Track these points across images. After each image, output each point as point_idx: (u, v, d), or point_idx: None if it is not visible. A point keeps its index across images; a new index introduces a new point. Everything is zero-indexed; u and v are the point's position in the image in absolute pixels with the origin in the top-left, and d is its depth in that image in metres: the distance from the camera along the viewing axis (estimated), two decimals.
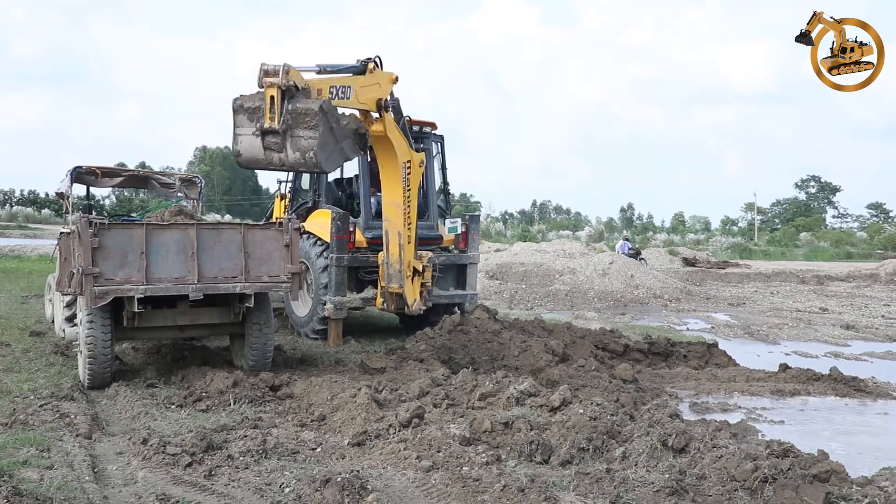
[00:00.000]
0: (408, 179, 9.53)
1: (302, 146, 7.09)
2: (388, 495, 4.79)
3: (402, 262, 9.68)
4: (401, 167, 9.42)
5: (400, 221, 9.56)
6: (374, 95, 8.70)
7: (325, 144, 7.13)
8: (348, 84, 8.24)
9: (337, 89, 8.02)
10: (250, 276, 7.96)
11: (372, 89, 8.66)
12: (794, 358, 11.17)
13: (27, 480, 4.90)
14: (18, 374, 8.19)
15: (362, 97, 8.48)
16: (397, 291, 9.83)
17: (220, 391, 7.39)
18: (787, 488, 4.64)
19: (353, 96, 8.29)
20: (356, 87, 8.34)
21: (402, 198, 9.50)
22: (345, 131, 7.44)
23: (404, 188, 9.49)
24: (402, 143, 9.42)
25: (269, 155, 7.22)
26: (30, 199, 74.30)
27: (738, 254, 49.98)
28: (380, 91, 8.77)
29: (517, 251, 26.73)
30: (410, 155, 9.56)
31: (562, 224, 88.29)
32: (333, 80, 8.06)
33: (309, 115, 7.05)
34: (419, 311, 10.11)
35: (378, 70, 8.74)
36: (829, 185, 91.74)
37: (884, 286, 25.70)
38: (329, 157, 7.31)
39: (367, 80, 8.56)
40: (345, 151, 7.57)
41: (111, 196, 63.78)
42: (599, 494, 4.85)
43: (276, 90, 7.05)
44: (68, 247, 7.93)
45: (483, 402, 7.11)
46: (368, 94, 8.61)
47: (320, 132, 7.03)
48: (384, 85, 8.86)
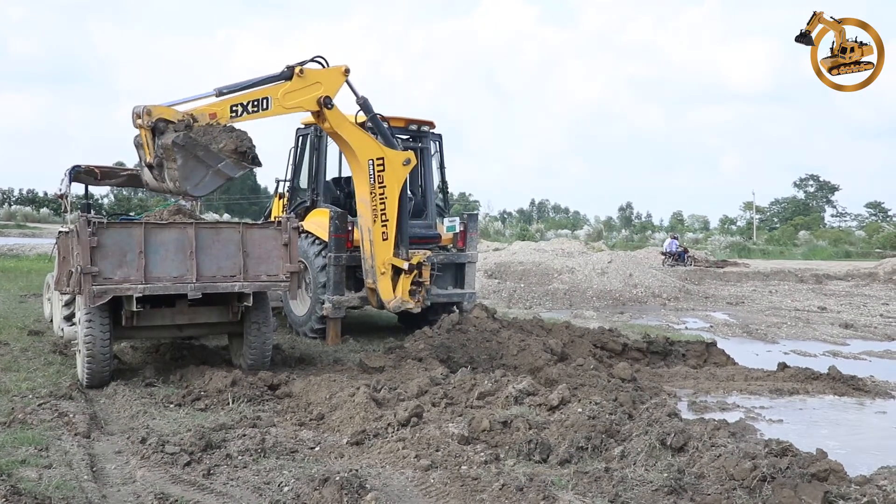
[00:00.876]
0: (380, 176, 9.69)
1: (172, 176, 7.77)
2: (387, 494, 4.80)
3: (373, 258, 9.90)
4: (365, 164, 9.58)
5: (368, 218, 9.79)
6: (311, 96, 8.95)
7: (189, 174, 7.75)
8: (265, 95, 8.55)
9: (245, 105, 8.37)
10: (249, 276, 7.96)
11: (307, 91, 8.92)
12: (793, 357, 11.18)
13: (26, 479, 4.90)
14: (17, 373, 8.19)
15: (290, 102, 8.79)
16: (372, 287, 10.07)
17: (218, 390, 7.39)
18: (786, 487, 4.65)
19: (275, 104, 8.62)
20: (278, 94, 8.64)
21: (368, 195, 9.69)
22: (220, 155, 7.80)
23: (372, 185, 9.66)
24: (363, 140, 9.60)
25: (157, 185, 8.08)
26: (28, 198, 74.23)
27: (737, 253, 50.04)
28: (322, 90, 9.01)
29: (516, 250, 26.75)
30: (381, 152, 9.72)
31: (560, 223, 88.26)
32: (238, 98, 8.36)
33: (168, 149, 7.63)
34: (398, 309, 10.34)
35: (314, 70, 8.99)
36: (827, 185, 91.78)
37: (882, 285, 25.72)
38: (199, 184, 7.89)
39: (297, 84, 8.82)
40: (223, 172, 7.96)
41: (110, 195, 63.75)
42: (598, 493, 4.86)
43: (145, 130, 7.75)
44: (67, 246, 7.92)
45: (482, 402, 7.11)
46: (301, 96, 8.88)
47: (179, 164, 7.63)
48: (328, 82, 9.09)
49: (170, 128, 7.69)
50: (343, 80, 9.26)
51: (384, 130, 9.91)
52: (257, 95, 8.48)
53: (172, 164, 7.67)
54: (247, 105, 8.37)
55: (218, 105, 8.19)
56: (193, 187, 7.83)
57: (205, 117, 7.95)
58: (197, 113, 7.96)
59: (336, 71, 9.19)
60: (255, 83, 8.58)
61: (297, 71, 8.79)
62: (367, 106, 9.70)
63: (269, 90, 8.60)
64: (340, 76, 9.22)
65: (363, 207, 9.84)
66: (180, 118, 7.78)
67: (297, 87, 8.81)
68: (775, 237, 65.66)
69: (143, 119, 7.69)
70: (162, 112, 7.74)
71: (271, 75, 8.73)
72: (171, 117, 7.74)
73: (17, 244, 31.29)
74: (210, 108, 8.09)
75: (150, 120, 7.66)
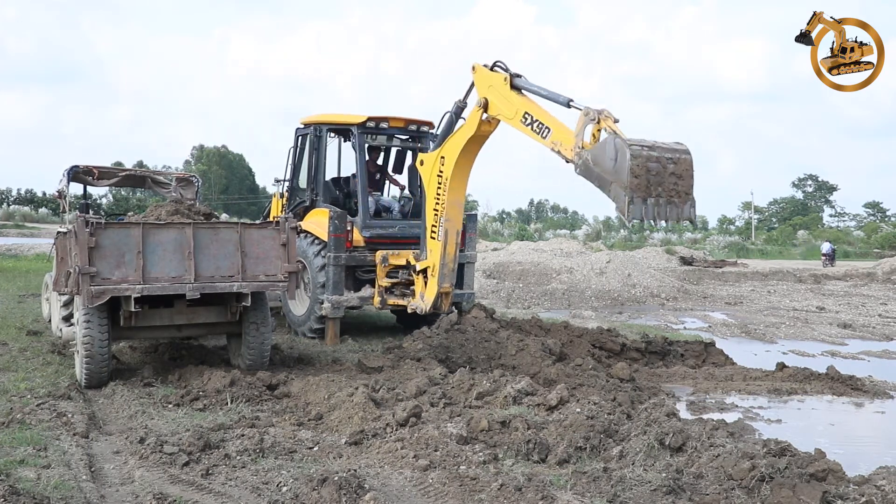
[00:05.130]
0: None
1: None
2: (386, 494, 4.80)
3: (455, 261, 9.66)
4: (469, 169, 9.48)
5: (460, 221, 9.54)
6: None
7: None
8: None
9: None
10: (247, 276, 7.96)
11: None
12: (792, 357, 11.18)
13: (24, 479, 4.90)
14: (15, 373, 8.18)
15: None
16: (447, 291, 9.79)
17: (217, 390, 7.39)
18: (784, 487, 4.65)
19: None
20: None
21: (463, 198, 9.54)
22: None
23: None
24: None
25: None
26: (27, 198, 74.13)
27: (736, 253, 50.04)
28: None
29: (514, 250, 26.75)
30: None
31: (559, 223, 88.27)
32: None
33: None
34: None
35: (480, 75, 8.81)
36: (826, 184, 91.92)
37: (881, 285, 25.74)
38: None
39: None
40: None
41: (108, 195, 63.71)
42: (596, 493, 4.86)
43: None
44: (65, 246, 7.91)
45: (480, 402, 7.12)
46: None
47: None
48: (480, 88, 8.87)
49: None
50: (484, 85, 8.90)
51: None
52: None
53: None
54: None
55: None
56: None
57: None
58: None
59: (484, 79, 8.88)
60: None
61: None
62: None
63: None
64: (484, 84, 8.89)
65: (457, 210, 9.54)
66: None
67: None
68: (774, 237, 65.70)
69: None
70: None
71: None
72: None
73: (15, 244, 31.26)
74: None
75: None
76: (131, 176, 11.86)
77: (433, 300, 9.62)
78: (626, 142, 7.09)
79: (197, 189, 11.45)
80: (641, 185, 7.18)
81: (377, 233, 11.32)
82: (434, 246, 9.44)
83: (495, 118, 8.67)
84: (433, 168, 9.27)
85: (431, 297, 9.66)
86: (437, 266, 9.47)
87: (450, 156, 9.09)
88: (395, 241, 11.26)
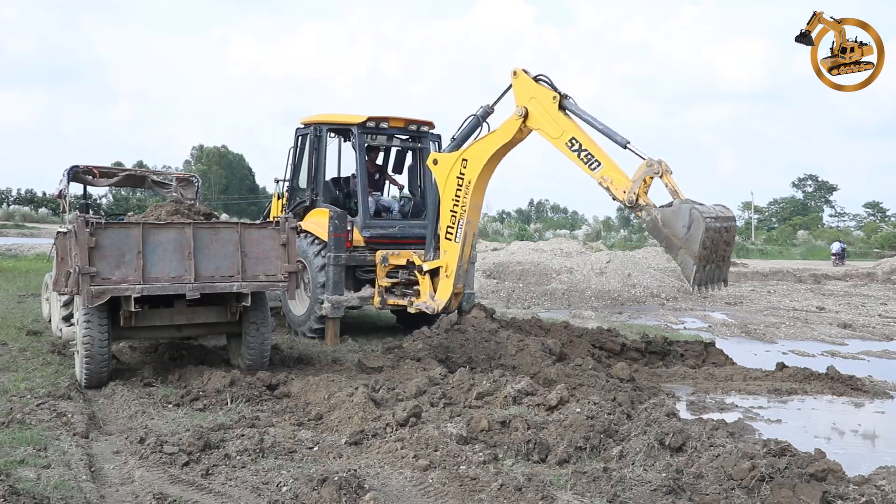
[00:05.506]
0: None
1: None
2: (386, 494, 4.80)
3: (468, 262, 9.81)
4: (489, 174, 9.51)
5: (477, 223, 9.64)
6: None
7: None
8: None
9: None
10: (247, 276, 7.96)
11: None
12: (792, 357, 11.18)
13: (24, 479, 4.90)
14: (15, 373, 8.18)
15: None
16: (459, 291, 9.82)
17: (217, 390, 7.39)
18: (784, 487, 4.65)
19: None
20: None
21: (482, 201, 9.59)
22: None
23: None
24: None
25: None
26: (27, 198, 74.12)
27: (735, 253, 49.91)
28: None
29: (514, 250, 26.75)
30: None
31: (559, 223, 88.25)
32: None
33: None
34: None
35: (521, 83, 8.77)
36: (825, 184, 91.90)
37: (881, 285, 25.74)
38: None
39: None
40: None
41: (108, 195, 63.71)
42: (596, 493, 4.86)
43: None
44: (65, 246, 7.91)
45: (480, 402, 7.12)
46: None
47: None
48: (520, 97, 8.85)
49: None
50: (524, 95, 8.91)
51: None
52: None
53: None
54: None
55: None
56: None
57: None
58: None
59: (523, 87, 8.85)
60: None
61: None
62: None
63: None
64: (523, 93, 8.89)
65: (477, 214, 9.62)
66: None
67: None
68: (774, 237, 65.70)
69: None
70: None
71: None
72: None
73: (15, 244, 31.28)
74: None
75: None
76: (131, 176, 11.85)
77: (446, 301, 9.66)
78: (702, 214, 7.31)
79: (197, 189, 11.45)
80: (708, 256, 7.47)
81: (377, 233, 11.32)
82: (450, 247, 9.46)
83: (530, 129, 8.65)
84: (452, 169, 9.25)
85: (445, 297, 9.69)
86: (453, 267, 9.50)
87: (475, 159, 9.08)
88: (395, 241, 11.27)
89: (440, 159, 9.42)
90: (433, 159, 9.51)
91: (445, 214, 9.44)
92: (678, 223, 7.40)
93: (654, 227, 7.63)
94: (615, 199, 8.05)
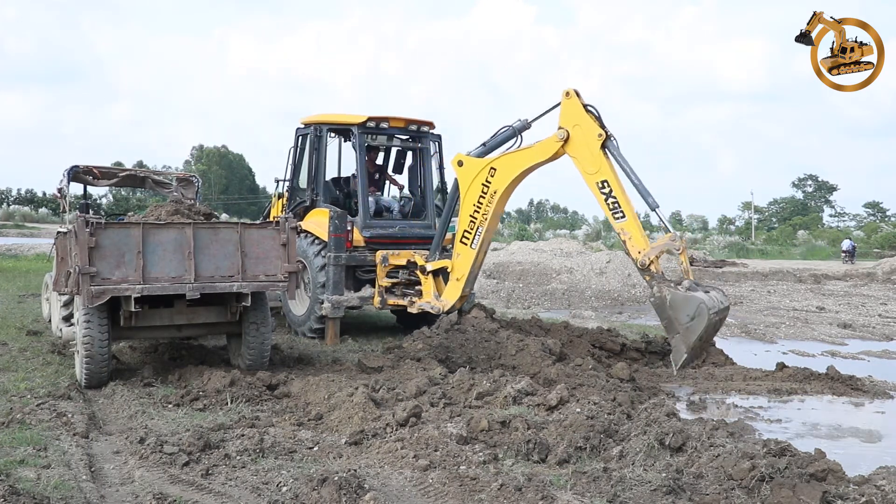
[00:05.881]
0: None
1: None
2: (386, 494, 4.79)
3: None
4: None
5: (494, 231, 9.79)
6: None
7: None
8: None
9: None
10: (247, 276, 7.96)
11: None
12: (792, 357, 11.17)
13: (24, 479, 4.89)
14: (15, 373, 8.18)
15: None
16: (466, 294, 10.00)
17: (217, 390, 7.39)
18: (784, 487, 4.65)
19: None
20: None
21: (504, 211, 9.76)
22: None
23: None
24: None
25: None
26: (27, 198, 74.14)
27: (736, 253, 50.02)
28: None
29: (514, 250, 26.72)
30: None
31: (559, 223, 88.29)
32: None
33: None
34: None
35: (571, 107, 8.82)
36: (825, 184, 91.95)
37: (881, 285, 25.73)
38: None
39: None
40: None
41: (108, 195, 63.71)
42: (596, 493, 4.86)
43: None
44: (65, 246, 7.92)
45: (480, 401, 7.11)
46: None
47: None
48: (565, 120, 8.93)
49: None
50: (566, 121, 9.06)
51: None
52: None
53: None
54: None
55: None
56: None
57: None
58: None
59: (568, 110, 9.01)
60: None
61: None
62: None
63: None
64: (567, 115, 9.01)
65: (497, 221, 9.82)
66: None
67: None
68: (774, 237, 65.70)
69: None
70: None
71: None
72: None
73: (15, 244, 31.29)
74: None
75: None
76: (131, 176, 11.86)
77: (453, 303, 9.72)
78: (709, 310, 7.61)
79: (197, 189, 11.46)
80: (701, 346, 7.97)
81: (377, 233, 11.32)
82: (464, 252, 9.51)
83: (565, 152, 8.65)
84: (478, 175, 9.25)
85: (452, 300, 9.78)
86: (465, 272, 9.55)
87: (505, 171, 9.10)
88: (395, 241, 11.28)
89: (466, 162, 9.40)
90: (458, 160, 9.49)
91: (464, 219, 9.46)
92: (684, 311, 7.70)
93: (660, 305, 7.88)
94: (628, 254, 8.28)
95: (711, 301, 7.67)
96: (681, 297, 7.68)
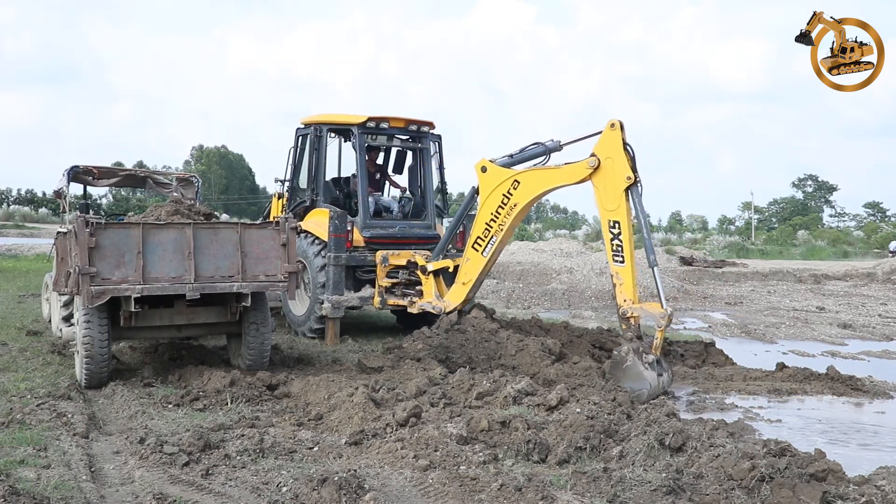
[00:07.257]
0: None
1: None
2: (386, 494, 4.80)
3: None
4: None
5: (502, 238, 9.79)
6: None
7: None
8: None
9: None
10: (247, 276, 7.96)
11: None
12: (792, 357, 11.17)
13: (24, 479, 4.90)
14: (15, 374, 8.18)
15: None
16: (470, 298, 10.07)
17: (217, 390, 7.39)
18: (784, 487, 4.65)
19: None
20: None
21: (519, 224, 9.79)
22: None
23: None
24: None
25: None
26: (27, 198, 74.13)
27: (736, 253, 50.00)
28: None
29: (514, 250, 26.74)
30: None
31: (559, 223, 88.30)
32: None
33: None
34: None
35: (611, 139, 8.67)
36: (825, 185, 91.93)
37: (881, 285, 25.71)
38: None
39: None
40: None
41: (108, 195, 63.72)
42: (596, 493, 4.86)
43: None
44: (65, 246, 7.92)
45: (480, 402, 7.11)
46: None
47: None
48: (602, 149, 8.80)
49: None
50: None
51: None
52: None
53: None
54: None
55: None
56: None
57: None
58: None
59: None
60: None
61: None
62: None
63: None
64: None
65: (510, 234, 9.86)
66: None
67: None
68: (774, 237, 65.65)
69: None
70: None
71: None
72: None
73: (15, 244, 31.28)
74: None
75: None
76: (131, 176, 11.86)
77: (456, 305, 9.77)
78: (648, 397, 7.65)
79: (197, 189, 11.47)
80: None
81: (377, 233, 11.33)
82: (475, 257, 9.58)
83: (589, 179, 8.64)
84: (500, 185, 9.26)
85: (456, 302, 9.85)
86: (472, 277, 9.62)
87: (530, 186, 9.12)
88: (396, 242, 11.28)
89: (490, 169, 9.41)
90: (482, 166, 9.49)
91: (479, 225, 9.49)
92: (628, 383, 7.97)
93: (617, 363, 8.00)
94: (614, 298, 8.48)
95: (655, 389, 7.81)
96: (635, 371, 7.82)
